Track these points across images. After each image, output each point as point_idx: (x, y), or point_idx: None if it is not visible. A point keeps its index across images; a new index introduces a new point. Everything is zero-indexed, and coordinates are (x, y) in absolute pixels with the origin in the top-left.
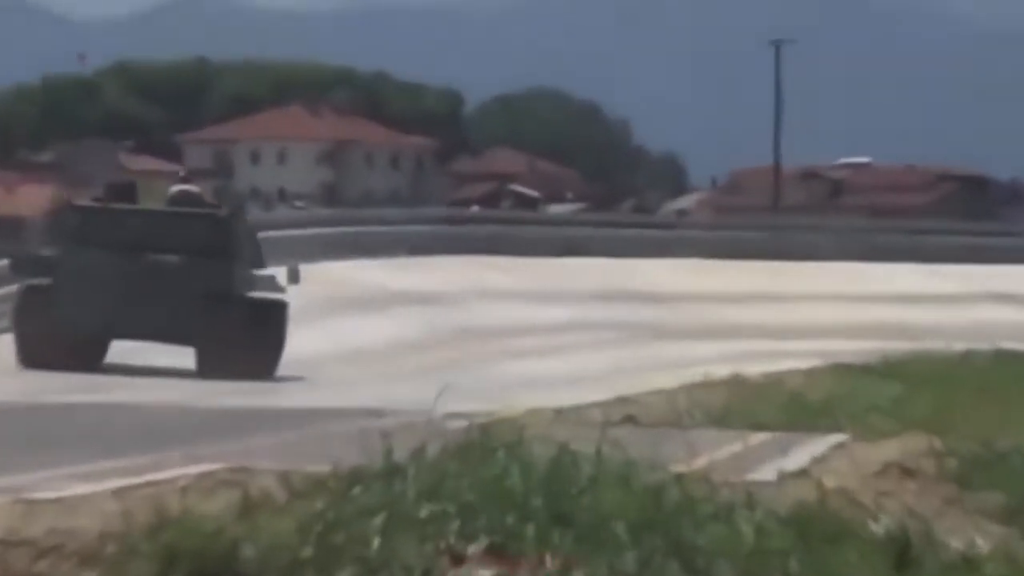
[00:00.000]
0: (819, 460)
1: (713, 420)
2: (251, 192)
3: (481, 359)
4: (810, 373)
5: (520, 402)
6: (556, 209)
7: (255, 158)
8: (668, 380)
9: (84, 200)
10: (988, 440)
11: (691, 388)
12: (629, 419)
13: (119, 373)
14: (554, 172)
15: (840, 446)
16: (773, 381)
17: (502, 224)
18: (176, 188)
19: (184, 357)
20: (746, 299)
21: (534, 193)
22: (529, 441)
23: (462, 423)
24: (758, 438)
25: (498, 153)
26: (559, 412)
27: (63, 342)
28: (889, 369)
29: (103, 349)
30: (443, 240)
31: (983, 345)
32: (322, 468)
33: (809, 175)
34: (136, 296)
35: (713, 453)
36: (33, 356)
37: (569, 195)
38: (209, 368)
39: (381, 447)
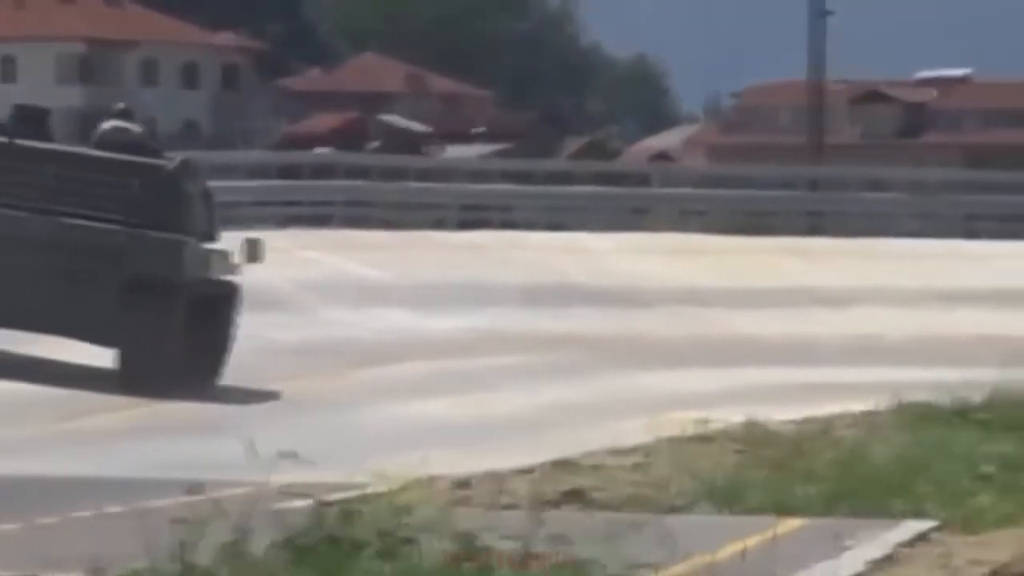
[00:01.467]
0: (888, 563)
1: (714, 497)
2: None
3: (335, 398)
4: (871, 419)
5: (400, 468)
6: (457, 152)
7: None
8: (640, 431)
9: None
10: None
11: (677, 444)
12: (575, 496)
13: None
14: (455, 92)
15: (922, 540)
16: (811, 432)
17: (367, 177)
18: (108, 124)
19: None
20: (766, 298)
21: (421, 127)
22: (416, 532)
23: (307, 502)
24: (787, 527)
25: (363, 61)
26: (462, 484)
27: None
28: (999, 414)
29: None
30: (271, 203)
31: None
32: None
33: (870, 97)
34: (31, 276)
35: (714, 553)
36: None
37: (479, 129)
38: (134, 376)
39: (171, 539)
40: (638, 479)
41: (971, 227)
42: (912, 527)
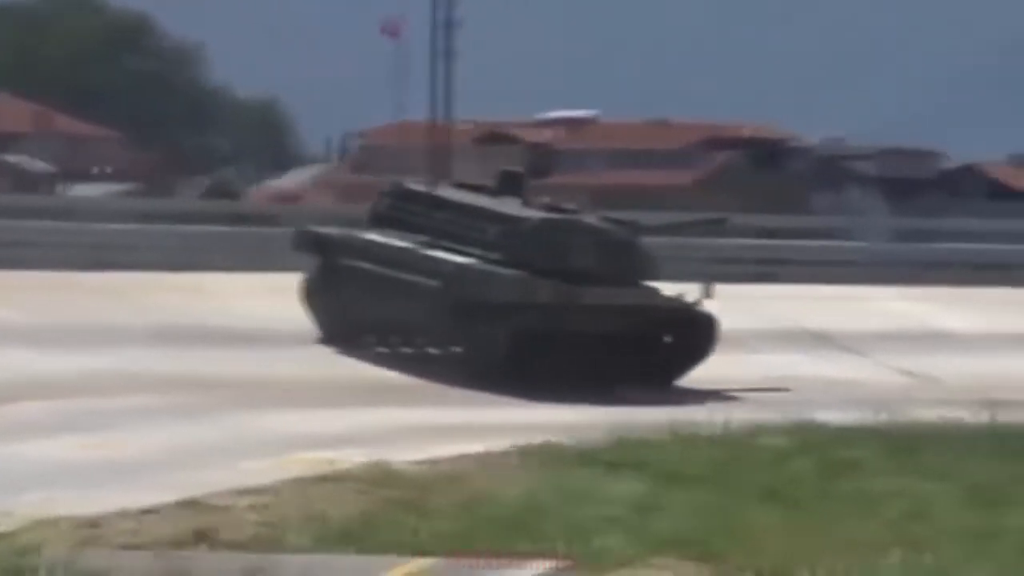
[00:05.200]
0: None
1: (340, 538)
2: None
3: None
4: (498, 460)
5: (25, 508)
6: (83, 191)
7: None
8: (267, 471)
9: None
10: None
11: (305, 484)
12: (202, 535)
13: None
14: (82, 132)
15: None
16: (440, 473)
17: None
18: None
19: None
20: None
21: (44, 166)
22: (44, 571)
23: None
24: (415, 567)
25: None
26: (89, 523)
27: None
28: (625, 455)
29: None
30: None
31: (776, 415)
32: None
33: (495, 136)
34: (393, 292)
35: None
36: (330, 334)
37: (105, 169)
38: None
39: None
40: (264, 519)
41: None
42: (537, 568)
